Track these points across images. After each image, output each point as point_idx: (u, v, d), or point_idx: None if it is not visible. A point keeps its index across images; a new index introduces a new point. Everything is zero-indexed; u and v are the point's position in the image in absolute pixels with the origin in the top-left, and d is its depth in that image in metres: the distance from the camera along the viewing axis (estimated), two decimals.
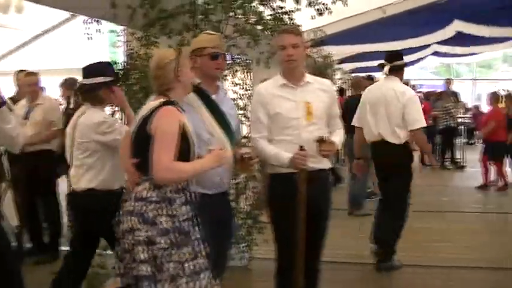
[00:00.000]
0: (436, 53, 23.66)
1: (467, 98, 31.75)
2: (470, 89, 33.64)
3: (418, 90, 20.12)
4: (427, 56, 23.98)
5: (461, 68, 35.72)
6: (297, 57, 4.57)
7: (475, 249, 7.96)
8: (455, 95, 17.09)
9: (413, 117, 6.68)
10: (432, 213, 10.29)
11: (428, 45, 20.22)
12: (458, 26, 16.54)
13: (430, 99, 17.14)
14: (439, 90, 19.64)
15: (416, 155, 8.20)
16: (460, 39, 18.54)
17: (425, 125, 6.92)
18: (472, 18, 16.51)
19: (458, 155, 16.39)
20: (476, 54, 26.37)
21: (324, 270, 4.95)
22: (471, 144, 21.94)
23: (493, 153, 12.45)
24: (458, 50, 22.69)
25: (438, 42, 19.44)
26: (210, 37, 4.35)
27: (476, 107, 25.69)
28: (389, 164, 6.83)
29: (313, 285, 4.84)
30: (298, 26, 4.94)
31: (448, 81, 18.13)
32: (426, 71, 36.72)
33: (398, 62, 7.21)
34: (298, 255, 4.50)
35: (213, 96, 4.29)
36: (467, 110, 25.13)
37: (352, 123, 7.22)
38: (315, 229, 4.64)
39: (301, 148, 4.39)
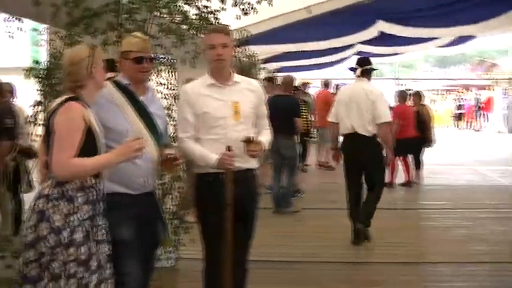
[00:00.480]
0: (359, 53, 24.05)
1: (390, 97, 32.38)
2: (393, 88, 34.32)
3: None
4: (351, 55, 24.35)
5: (384, 67, 36.43)
6: (226, 57, 4.56)
7: (399, 245, 8.12)
8: None
9: (379, 113, 7.72)
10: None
11: (352, 45, 20.52)
12: (381, 26, 16.83)
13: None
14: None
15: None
16: (383, 39, 18.89)
17: (390, 119, 8.07)
18: (395, 19, 16.83)
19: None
20: (398, 54, 26.97)
21: (252, 270, 4.96)
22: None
23: (403, 150, 12.34)
24: (381, 50, 23.15)
25: (362, 42, 19.75)
26: (135, 41, 4.27)
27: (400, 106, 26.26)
28: (362, 154, 7.79)
29: (241, 285, 4.83)
30: (227, 25, 4.92)
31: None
32: (350, 71, 37.28)
33: (368, 66, 8.28)
34: (226, 255, 4.50)
35: (141, 98, 4.24)
36: (390, 108, 25.62)
37: (329, 119, 8.34)
38: (242, 229, 4.64)
39: (229, 148, 4.39)
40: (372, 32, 17.42)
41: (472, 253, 7.78)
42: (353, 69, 8.48)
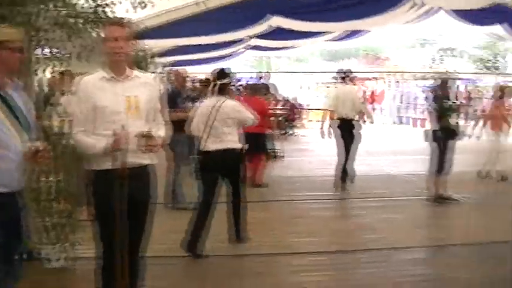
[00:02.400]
0: (254, 47, 24.22)
1: (285, 90, 32.82)
2: (287, 81, 34.75)
3: (238, 84, 20.44)
4: (245, 49, 24.48)
5: (279, 61, 36.80)
6: (124, 50, 4.51)
7: (289, 236, 8.27)
8: (266, 87, 17.43)
9: (360, 105, 12.08)
10: (258, 204, 10.25)
11: (245, 39, 20.62)
12: (275, 20, 16.99)
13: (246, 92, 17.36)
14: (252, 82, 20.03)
15: None
16: (278, 33, 19.07)
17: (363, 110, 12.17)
18: (287, 13, 17.02)
19: (275, 145, 16.83)
20: (293, 48, 27.33)
21: (148, 265, 4.93)
22: (290, 135, 22.75)
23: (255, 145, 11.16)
24: (275, 43, 23.38)
25: (256, 36, 19.87)
26: (10, 31, 4.14)
27: (294, 99, 26.64)
28: (351, 128, 11.59)
29: (137, 281, 4.80)
30: (126, 19, 4.84)
31: (261, 75, 18.50)
32: (245, 65, 37.48)
33: (351, 75, 12.51)
34: (122, 252, 4.46)
35: (8, 91, 4.09)
36: (286, 101, 25.97)
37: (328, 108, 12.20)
38: (137, 225, 4.63)
39: (122, 128, 4.35)
40: (264, 26, 17.56)
41: (361, 241, 8.04)
42: (341, 76, 12.41)
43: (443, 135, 10.09)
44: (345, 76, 12.15)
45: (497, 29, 27.17)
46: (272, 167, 13.84)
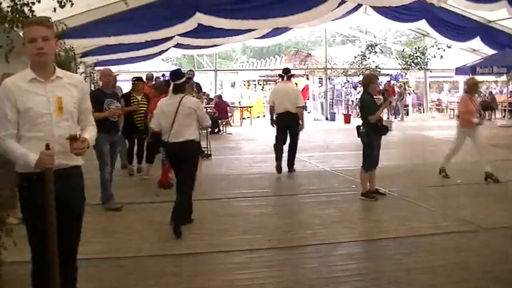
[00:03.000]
0: (178, 45, 24.09)
1: (210, 88, 32.80)
2: (212, 79, 34.73)
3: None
4: (169, 48, 24.33)
5: (203, 59, 36.73)
6: (48, 51, 4.37)
7: (223, 234, 8.24)
8: (197, 86, 17.40)
9: (299, 101, 13.31)
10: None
11: (171, 37, 20.50)
12: (199, 18, 16.93)
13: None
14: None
15: None
16: (202, 31, 19.02)
17: (303, 104, 12.60)
18: (213, 11, 17.00)
19: (204, 144, 16.78)
20: (217, 45, 27.32)
21: (81, 268, 4.83)
22: (216, 133, 22.69)
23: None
24: (200, 42, 23.31)
25: (180, 34, 19.77)
26: None
27: (219, 97, 26.59)
28: (291, 122, 13.23)
29: (70, 284, 4.69)
30: (48, 18, 4.69)
31: (190, 74, 18.36)
32: (169, 63, 37.28)
33: (290, 74, 13.96)
34: (53, 255, 4.34)
35: None
36: (210, 100, 25.92)
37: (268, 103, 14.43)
38: (68, 227, 4.51)
39: (47, 147, 4.22)
40: (190, 24, 17.49)
41: (295, 238, 8.06)
42: (281, 76, 14.14)
43: (371, 131, 10.22)
44: (285, 74, 13.84)
45: (421, 24, 27.91)
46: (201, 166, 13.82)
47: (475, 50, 31.21)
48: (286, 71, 14.06)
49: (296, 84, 16.24)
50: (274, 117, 13.61)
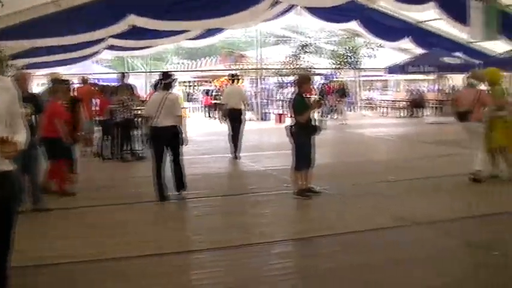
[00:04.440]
0: (111, 47, 23.82)
1: (143, 90, 32.50)
2: (145, 81, 34.41)
3: (95, 83, 20.06)
4: (102, 49, 24.03)
5: (136, 61, 36.41)
6: None
7: (163, 236, 8.19)
8: (130, 87, 17.22)
9: (245, 99, 16.96)
10: (121, 206, 10.28)
11: (103, 39, 20.25)
12: (133, 20, 16.77)
13: (106, 93, 17.01)
14: (114, 84, 19.66)
15: None
16: (135, 33, 18.84)
17: (248, 102, 16.95)
18: (146, 12, 16.86)
19: (137, 146, 16.63)
20: (150, 47, 27.11)
21: (14, 277, 4.72)
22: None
23: (48, 151, 10.83)
24: (133, 43, 23.09)
25: (113, 36, 19.55)
26: None
27: None
28: (239, 115, 15.87)
29: None
30: None
31: (123, 75, 18.18)
32: (101, 65, 36.82)
33: (237, 76, 16.90)
34: None
35: None
36: (143, 102, 25.61)
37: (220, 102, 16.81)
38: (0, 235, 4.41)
39: None
40: (123, 26, 17.31)
41: (231, 238, 8.05)
42: (231, 79, 17.29)
43: (302, 131, 10.29)
44: (234, 77, 17.39)
45: (351, 25, 28.34)
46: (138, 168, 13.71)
47: (406, 50, 31.83)
48: (235, 75, 17.68)
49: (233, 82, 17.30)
50: (226, 113, 16.33)
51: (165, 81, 10.95)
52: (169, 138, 10.57)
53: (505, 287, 5.99)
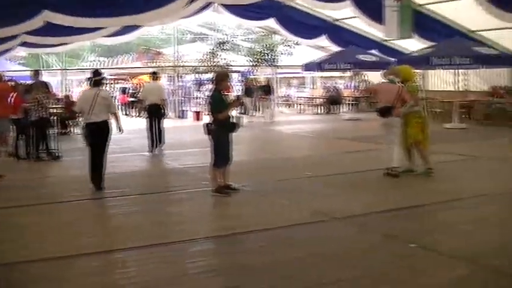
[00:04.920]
0: (25, 44, 23.25)
1: (58, 88, 31.79)
2: (60, 78, 33.67)
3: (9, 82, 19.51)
4: (15, 46, 23.44)
5: (51, 58, 35.64)
6: None
7: (85, 235, 8.07)
8: (45, 85, 16.79)
9: (163, 95, 17.60)
10: (37, 206, 10.06)
11: (17, 36, 19.76)
12: (47, 16, 16.42)
13: (19, 91, 16.54)
14: (28, 81, 19.17)
15: None
16: (50, 29, 18.45)
17: (166, 98, 17.25)
18: (61, 8, 16.53)
19: (53, 145, 16.26)
20: (66, 44, 26.56)
21: None
22: (65, 134, 21.91)
23: None
24: (48, 40, 22.60)
25: (27, 33, 19.09)
26: None
27: (67, 97, 25.76)
28: (158, 110, 16.84)
29: None
30: None
31: (37, 72, 17.72)
32: (14, 63, 35.85)
33: (158, 75, 18.13)
34: None
35: None
36: (58, 100, 25.08)
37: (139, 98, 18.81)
38: None
39: None
40: (37, 22, 16.93)
41: (150, 236, 7.99)
42: (153, 77, 18.15)
43: (222, 128, 10.29)
44: (155, 74, 18.30)
45: (269, 22, 28.55)
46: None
47: (322, 47, 32.27)
48: (155, 72, 18.65)
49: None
50: (145, 108, 17.36)
51: (96, 78, 11.43)
52: (101, 134, 11.10)
53: (420, 279, 6.16)
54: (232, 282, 6.22)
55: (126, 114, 33.86)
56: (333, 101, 33.22)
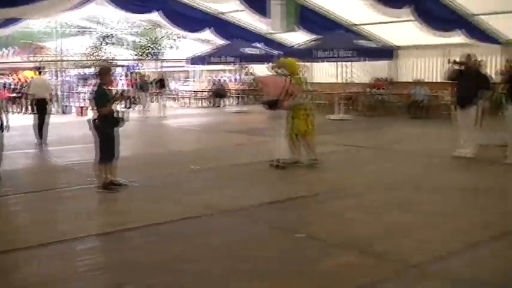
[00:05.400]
0: None
1: None
2: None
3: None
4: None
5: None
6: None
7: None
8: None
9: (50, 89, 19.05)
10: None
11: None
12: None
13: None
14: None
15: None
16: None
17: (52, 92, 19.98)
18: None
19: None
20: None
21: None
22: None
23: None
24: None
25: None
26: None
27: None
28: (45, 105, 17.22)
29: None
30: None
31: None
32: None
33: (43, 69, 19.44)
34: None
35: None
36: None
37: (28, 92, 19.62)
38: None
39: None
40: None
41: (34, 237, 7.69)
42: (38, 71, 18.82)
43: (107, 123, 10.10)
44: (40, 69, 19.23)
45: (153, 16, 28.23)
46: None
47: (208, 41, 32.25)
48: (40, 67, 19.73)
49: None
50: (34, 103, 17.62)
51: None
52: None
53: (308, 268, 6.26)
54: (120, 279, 6.10)
55: (6, 111, 32.63)
56: (217, 94, 33.33)
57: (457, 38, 22.38)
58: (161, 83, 29.22)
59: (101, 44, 30.94)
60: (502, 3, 19.84)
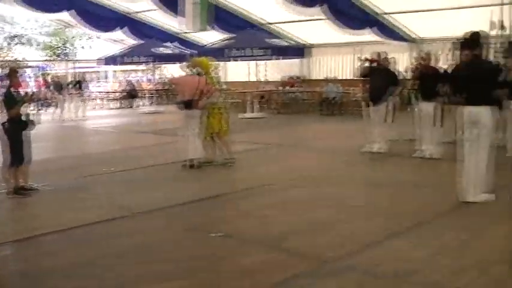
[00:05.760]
0: None
1: None
2: None
3: None
4: None
5: None
6: None
7: None
8: None
9: None
10: None
11: None
12: None
13: None
14: None
15: None
16: None
17: None
18: None
19: None
20: None
21: None
22: None
23: None
24: None
25: None
26: None
27: None
28: None
29: None
30: None
31: None
32: None
33: None
34: None
35: None
36: None
37: None
38: None
39: None
40: None
41: None
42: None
43: (16, 125, 9.85)
44: None
45: (64, 16, 27.69)
46: None
47: (121, 41, 31.87)
48: None
49: None
50: None
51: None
52: None
53: (223, 266, 6.29)
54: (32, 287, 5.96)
55: None
56: (131, 94, 32.98)
57: (368, 36, 22.91)
58: (79, 84, 28.70)
59: (9, 44, 30.06)
60: (411, 3, 20.47)
